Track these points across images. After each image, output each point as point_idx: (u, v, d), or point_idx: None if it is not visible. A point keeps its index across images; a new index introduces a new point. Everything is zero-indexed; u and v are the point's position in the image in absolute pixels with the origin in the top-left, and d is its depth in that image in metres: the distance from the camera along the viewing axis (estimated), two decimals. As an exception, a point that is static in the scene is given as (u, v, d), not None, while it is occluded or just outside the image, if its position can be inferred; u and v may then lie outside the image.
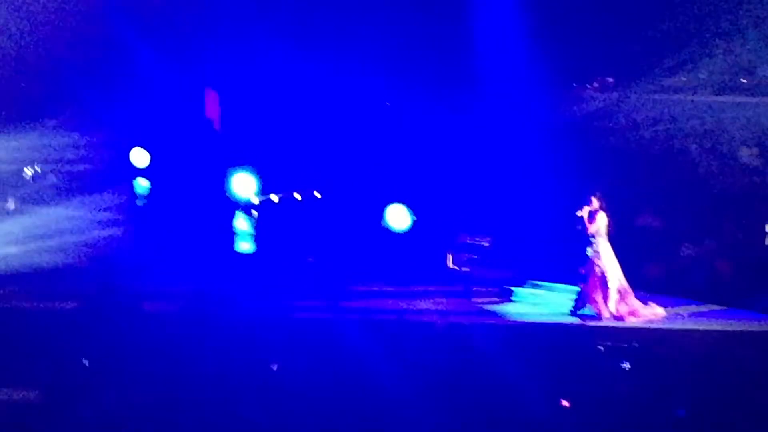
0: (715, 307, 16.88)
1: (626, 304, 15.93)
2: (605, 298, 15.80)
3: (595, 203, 15.93)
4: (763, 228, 18.27)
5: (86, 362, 11.21)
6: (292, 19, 20.14)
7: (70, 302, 15.32)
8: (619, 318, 15.70)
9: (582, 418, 9.84)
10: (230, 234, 20.17)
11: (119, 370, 10.93)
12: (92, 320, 12.96)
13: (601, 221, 15.90)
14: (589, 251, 15.93)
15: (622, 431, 9.65)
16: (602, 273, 15.86)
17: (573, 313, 16.00)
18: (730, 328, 15.26)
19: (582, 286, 16.04)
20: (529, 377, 10.49)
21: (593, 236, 15.91)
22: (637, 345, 12.55)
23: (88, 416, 10.07)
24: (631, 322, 15.64)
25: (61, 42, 20.22)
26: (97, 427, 9.94)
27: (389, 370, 10.65)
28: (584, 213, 15.91)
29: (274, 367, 11.06)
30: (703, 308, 16.89)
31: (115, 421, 9.94)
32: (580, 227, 15.96)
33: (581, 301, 16.04)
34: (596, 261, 15.91)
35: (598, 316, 15.74)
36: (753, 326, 15.51)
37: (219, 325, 12.43)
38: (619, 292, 15.90)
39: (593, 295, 15.87)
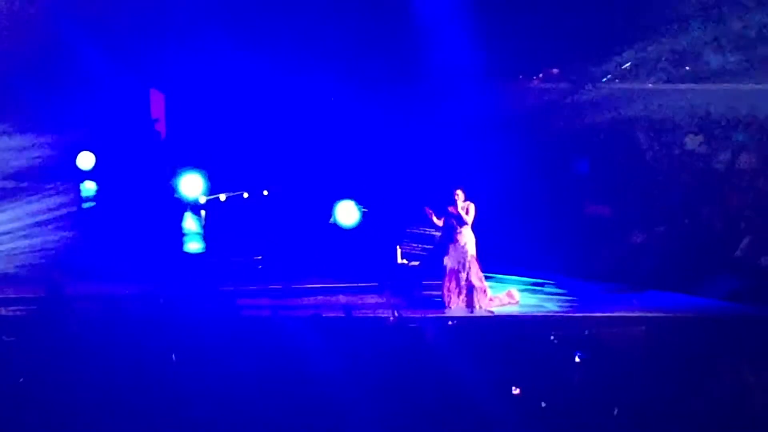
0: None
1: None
2: (467, 288, 16.34)
3: (462, 195, 16.33)
4: (711, 213, 18.44)
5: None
6: (236, 18, 20.02)
7: (19, 308, 15.14)
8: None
9: (536, 409, 9.86)
10: (179, 234, 20.08)
11: (67, 374, 10.81)
12: (41, 326, 12.82)
13: (473, 211, 16.31)
14: (462, 240, 16.34)
15: (579, 421, 9.66)
16: (470, 262, 16.32)
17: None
18: (678, 315, 15.45)
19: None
20: (481, 370, 10.49)
21: (462, 225, 16.31)
22: (587, 333, 12.64)
23: (29, 418, 9.99)
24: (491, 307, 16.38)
25: (2, 43, 20.01)
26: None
27: (339, 366, 10.62)
28: (459, 208, 16.27)
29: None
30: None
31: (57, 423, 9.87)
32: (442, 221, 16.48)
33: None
34: (467, 250, 16.34)
35: (445, 305, 16.42)
36: (701, 312, 15.78)
37: (167, 325, 12.33)
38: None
39: (448, 284, 16.45)
